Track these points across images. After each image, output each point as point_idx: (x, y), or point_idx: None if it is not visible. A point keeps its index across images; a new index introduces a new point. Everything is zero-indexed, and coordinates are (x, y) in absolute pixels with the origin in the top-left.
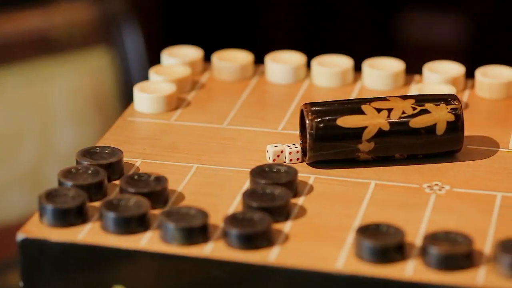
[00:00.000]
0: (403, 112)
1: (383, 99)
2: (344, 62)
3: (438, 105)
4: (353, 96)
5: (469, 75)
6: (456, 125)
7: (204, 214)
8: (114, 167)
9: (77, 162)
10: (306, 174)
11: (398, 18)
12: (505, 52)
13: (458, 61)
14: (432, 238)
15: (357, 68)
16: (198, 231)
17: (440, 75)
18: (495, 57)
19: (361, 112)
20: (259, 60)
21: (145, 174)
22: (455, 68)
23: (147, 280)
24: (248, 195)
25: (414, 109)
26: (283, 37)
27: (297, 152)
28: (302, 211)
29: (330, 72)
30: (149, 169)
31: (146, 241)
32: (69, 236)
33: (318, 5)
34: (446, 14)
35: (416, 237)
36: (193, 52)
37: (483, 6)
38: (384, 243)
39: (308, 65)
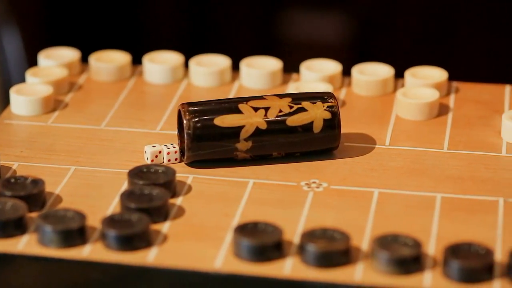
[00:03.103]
0: (280, 111)
1: (260, 98)
2: (222, 61)
3: (315, 103)
4: (232, 95)
5: (347, 72)
6: (332, 123)
7: (81, 216)
8: None
9: None
10: (185, 174)
11: (277, 17)
12: (381, 50)
13: (337, 59)
14: (310, 235)
15: (236, 68)
16: (75, 233)
17: (317, 73)
18: (373, 55)
19: (239, 111)
20: (137, 61)
21: (22, 177)
22: (332, 66)
23: (25, 283)
24: (126, 196)
25: (291, 107)
26: (161, 37)
27: (175, 152)
28: (181, 211)
29: (208, 72)
30: (27, 172)
31: (24, 245)
32: None
33: (196, 4)
34: (325, 13)
35: (294, 235)
36: (70, 54)
37: (361, 5)
38: (262, 241)
39: (186, 65)
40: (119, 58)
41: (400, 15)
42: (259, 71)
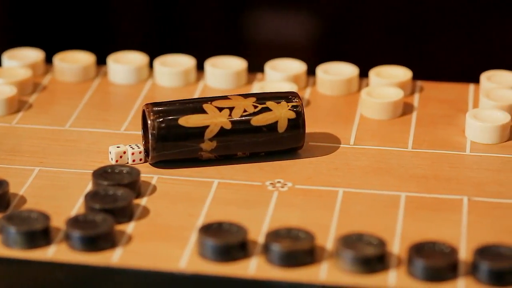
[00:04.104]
0: (245, 111)
1: (225, 98)
2: (186, 61)
3: (279, 103)
4: (196, 95)
5: (312, 72)
6: (297, 123)
7: (46, 217)
8: None
9: None
10: (149, 174)
11: (242, 17)
12: (346, 49)
13: (303, 59)
14: (274, 235)
15: (201, 68)
16: (40, 235)
17: (281, 73)
18: (338, 54)
19: (203, 111)
20: (101, 61)
21: None
22: (297, 66)
23: None
24: (91, 196)
25: (255, 107)
26: (125, 38)
27: (140, 152)
28: (145, 212)
29: (172, 72)
30: None
31: None
32: None
33: (161, 5)
34: (290, 12)
35: (259, 234)
36: (34, 54)
37: (326, 5)
38: (226, 241)
39: (151, 65)
40: (83, 58)
41: (364, 15)
42: (224, 71)
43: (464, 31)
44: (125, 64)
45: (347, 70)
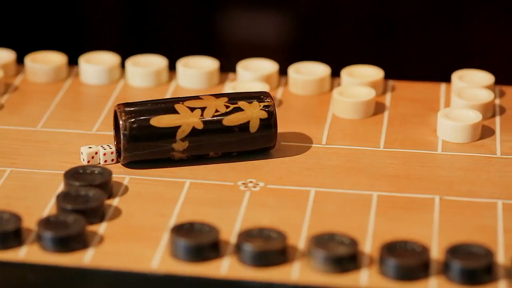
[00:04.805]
0: (217, 111)
1: (197, 98)
2: (158, 61)
3: (251, 102)
4: (168, 95)
5: (285, 72)
6: (269, 122)
7: (17, 218)
8: None
9: None
10: (121, 175)
11: (215, 17)
12: (319, 49)
13: (275, 59)
14: (246, 235)
15: (173, 68)
16: (11, 235)
17: (253, 73)
18: (310, 54)
19: (175, 112)
20: (73, 62)
21: None
22: (269, 66)
23: None
24: (62, 197)
25: (227, 107)
26: (97, 38)
27: (112, 153)
28: (117, 212)
29: (144, 72)
30: None
31: None
32: None
33: (132, 5)
34: (263, 12)
35: (231, 234)
36: (6, 55)
37: (298, 5)
38: (198, 241)
39: (123, 65)
40: (55, 59)
41: (336, 15)
42: (196, 71)
43: (436, 31)
44: (97, 65)
45: (319, 69)
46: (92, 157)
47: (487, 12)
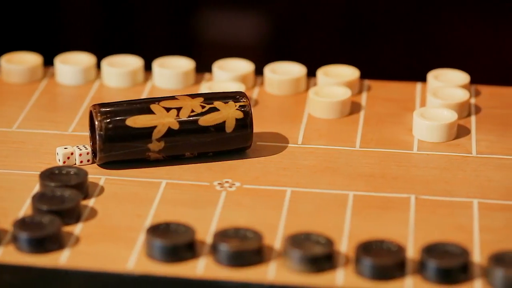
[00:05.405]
0: (192, 111)
1: (172, 98)
2: (134, 62)
3: (227, 102)
4: (144, 96)
5: (261, 72)
6: (245, 122)
7: None
8: None
9: None
10: (97, 175)
11: (191, 17)
12: (295, 49)
13: (252, 59)
14: (222, 235)
15: (149, 68)
16: None
17: (229, 73)
18: (287, 54)
19: (150, 112)
20: (48, 62)
21: None
22: (244, 66)
23: None
24: (38, 198)
25: (203, 107)
26: (73, 38)
27: (88, 153)
28: (93, 213)
29: (120, 73)
30: None
31: None
32: None
33: (108, 5)
34: (239, 12)
35: (207, 234)
36: None
37: (274, 5)
38: (174, 242)
39: (99, 65)
40: (30, 59)
41: (312, 15)
42: (172, 71)
43: (411, 30)
44: (72, 65)
45: (294, 69)
46: (68, 158)
47: (462, 11)
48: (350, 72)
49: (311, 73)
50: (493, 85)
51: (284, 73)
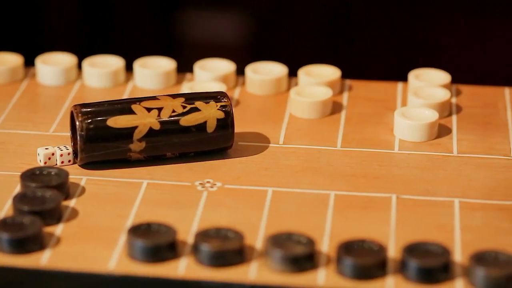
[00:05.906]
0: (173, 111)
1: (154, 98)
2: (115, 62)
3: (208, 102)
4: (125, 96)
5: (243, 72)
6: (226, 122)
7: None
8: None
9: None
10: (78, 175)
11: (172, 17)
12: (276, 49)
13: (233, 59)
14: (204, 235)
15: (130, 68)
16: None
17: (211, 73)
18: (268, 54)
19: (132, 112)
20: (29, 62)
21: None
22: (226, 66)
23: None
24: (19, 199)
25: (184, 107)
26: (54, 39)
27: (69, 154)
28: (74, 213)
29: (101, 73)
30: None
31: None
32: None
33: (89, 5)
34: (221, 12)
35: (188, 235)
36: None
37: (256, 5)
38: (155, 242)
39: (80, 66)
40: (11, 60)
41: (293, 15)
42: (153, 72)
43: (392, 30)
44: (53, 65)
45: (276, 69)
46: (49, 158)
47: (443, 11)
48: (331, 72)
49: (293, 73)
50: (474, 84)
51: (265, 73)
